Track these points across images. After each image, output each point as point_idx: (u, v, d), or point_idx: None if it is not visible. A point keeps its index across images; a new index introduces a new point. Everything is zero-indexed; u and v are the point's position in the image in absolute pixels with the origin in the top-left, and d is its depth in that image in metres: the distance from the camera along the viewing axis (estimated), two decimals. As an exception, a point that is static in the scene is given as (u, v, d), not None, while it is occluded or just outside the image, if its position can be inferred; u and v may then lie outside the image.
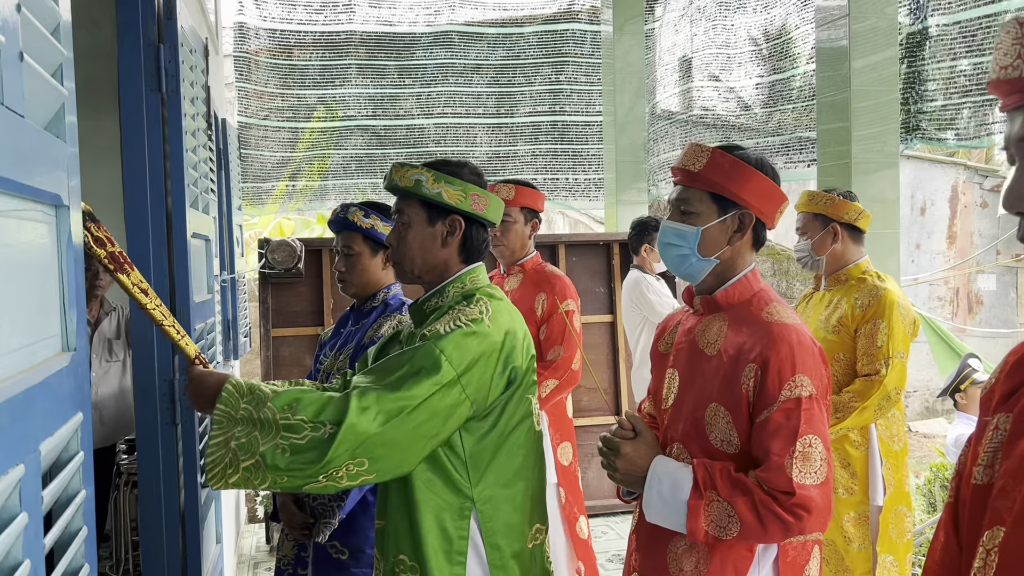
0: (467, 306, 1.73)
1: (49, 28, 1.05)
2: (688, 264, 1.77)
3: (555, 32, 7.32)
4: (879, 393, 2.87)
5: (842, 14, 4.10)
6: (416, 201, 1.80)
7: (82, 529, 1.09)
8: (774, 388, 1.61)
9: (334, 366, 2.49)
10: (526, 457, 1.76)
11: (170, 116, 2.25)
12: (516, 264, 3.27)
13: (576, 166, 7.38)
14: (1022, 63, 0.82)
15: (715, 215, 1.73)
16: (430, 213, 1.80)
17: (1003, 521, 0.88)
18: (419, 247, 1.81)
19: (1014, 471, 0.89)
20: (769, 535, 1.59)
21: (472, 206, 1.79)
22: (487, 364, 1.67)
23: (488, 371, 1.67)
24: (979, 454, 0.97)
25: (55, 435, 0.99)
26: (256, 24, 6.89)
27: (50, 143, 1.04)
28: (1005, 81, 0.85)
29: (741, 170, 1.71)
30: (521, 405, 1.75)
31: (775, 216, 1.78)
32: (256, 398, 1.55)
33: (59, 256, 1.08)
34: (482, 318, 1.69)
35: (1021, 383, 0.95)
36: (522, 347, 1.75)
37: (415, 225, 1.80)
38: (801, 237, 3.09)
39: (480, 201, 1.80)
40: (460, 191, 1.77)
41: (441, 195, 1.77)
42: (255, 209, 7.09)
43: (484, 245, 1.87)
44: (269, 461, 1.51)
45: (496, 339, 1.69)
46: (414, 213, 1.81)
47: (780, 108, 6.27)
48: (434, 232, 1.80)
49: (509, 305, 1.81)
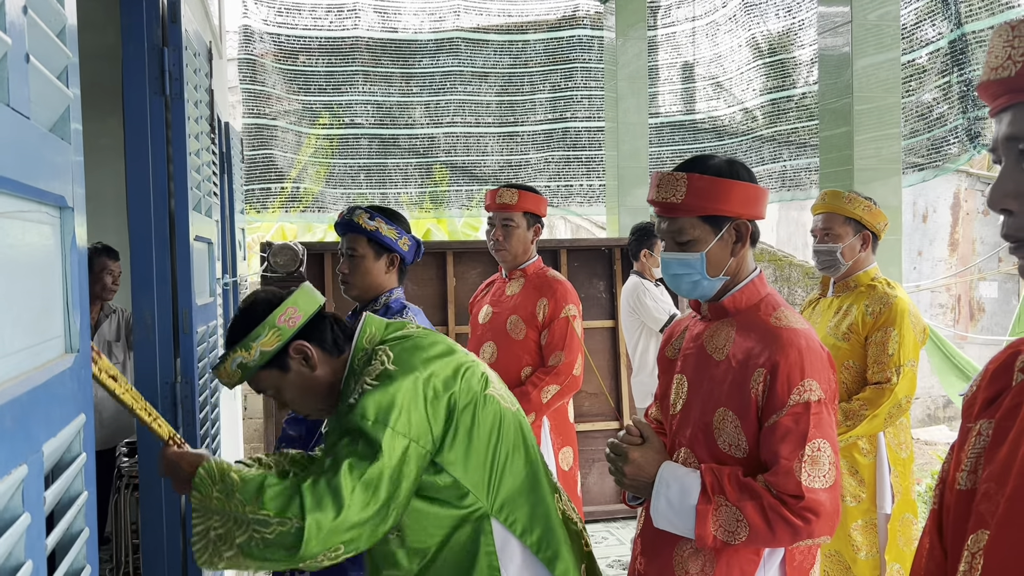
0: (367, 365, 1.69)
1: (55, 30, 1.05)
2: (700, 288, 1.77)
3: (560, 39, 7.34)
4: (890, 401, 2.85)
5: (844, 20, 4.10)
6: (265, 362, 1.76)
7: (84, 530, 1.09)
8: (783, 392, 1.61)
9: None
10: (517, 447, 1.75)
11: (173, 119, 2.25)
12: (518, 268, 3.27)
13: (590, 172, 7.39)
14: (1012, 64, 0.84)
15: (712, 235, 1.73)
16: (279, 359, 1.76)
17: (987, 525, 0.89)
18: (299, 391, 1.79)
19: (997, 475, 0.90)
20: (778, 539, 1.59)
21: (289, 324, 1.74)
22: (413, 400, 1.63)
23: (418, 406, 1.63)
24: (962, 460, 0.98)
25: (58, 436, 0.99)
26: (261, 28, 6.91)
27: (55, 145, 1.04)
28: (995, 82, 0.87)
29: (721, 185, 1.71)
30: (486, 412, 1.72)
31: (763, 210, 1.79)
32: (226, 487, 1.56)
33: (63, 258, 1.08)
34: (384, 368, 1.65)
35: (1002, 390, 0.96)
36: (454, 368, 1.70)
37: (287, 372, 1.77)
38: (823, 238, 3.01)
39: (293, 317, 1.76)
40: (275, 334, 1.72)
41: (263, 351, 1.73)
42: (258, 213, 7.10)
43: (343, 331, 1.82)
44: (247, 552, 1.53)
45: (411, 380, 1.64)
46: (270, 377, 1.78)
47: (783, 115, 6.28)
48: (296, 369, 1.76)
49: (424, 339, 1.75)
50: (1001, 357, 1.00)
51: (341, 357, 1.79)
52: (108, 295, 4.24)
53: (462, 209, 7.42)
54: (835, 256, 2.99)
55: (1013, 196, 0.87)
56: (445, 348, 1.75)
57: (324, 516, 1.52)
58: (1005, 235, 0.89)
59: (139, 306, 2.27)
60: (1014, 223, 0.88)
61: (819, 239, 3.04)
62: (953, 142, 4.70)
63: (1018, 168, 0.87)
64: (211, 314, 2.78)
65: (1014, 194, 0.87)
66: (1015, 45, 0.85)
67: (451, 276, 5.31)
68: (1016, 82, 0.85)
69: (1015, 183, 0.87)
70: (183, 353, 2.32)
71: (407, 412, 1.61)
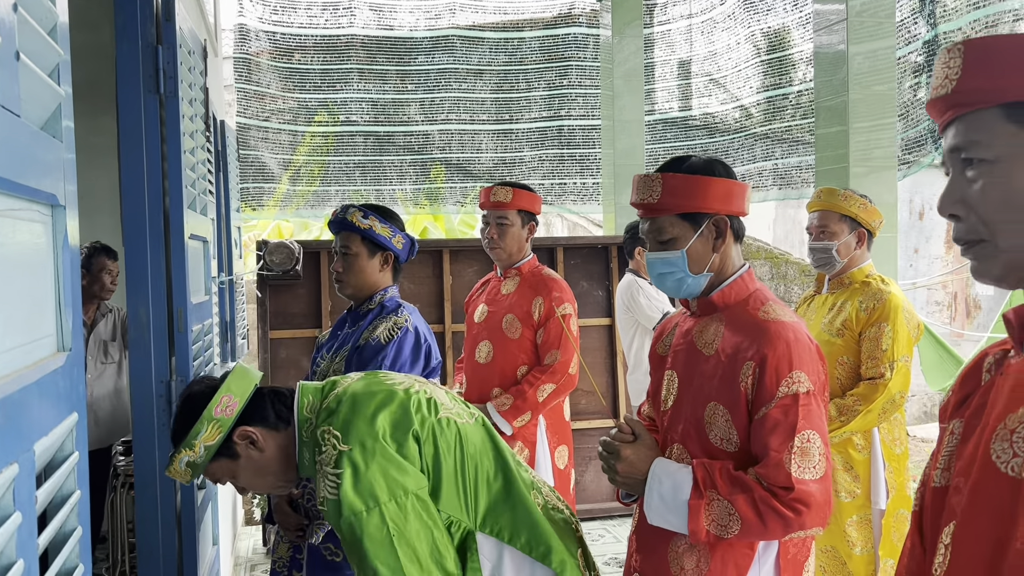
0: (320, 454, 1.66)
1: (46, 28, 1.05)
2: (685, 285, 1.79)
3: (556, 36, 7.33)
4: (884, 397, 2.86)
5: (840, 18, 4.10)
6: None
7: (76, 529, 1.08)
8: (772, 385, 1.62)
9: (330, 368, 2.50)
10: (484, 456, 1.76)
11: (168, 117, 2.25)
12: (513, 267, 3.27)
13: (584, 170, 7.39)
14: (948, 82, 0.95)
15: (691, 232, 1.75)
16: (226, 447, 1.77)
17: (956, 516, 0.95)
18: (254, 471, 1.81)
19: (964, 469, 0.95)
20: (770, 531, 1.60)
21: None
22: (386, 465, 1.62)
23: (391, 466, 1.63)
24: (938, 459, 1.04)
25: (49, 435, 0.99)
26: (256, 26, 6.89)
27: (46, 143, 1.04)
28: (938, 99, 0.97)
29: (696, 182, 1.74)
30: (446, 438, 1.72)
31: (744, 206, 1.80)
32: None
33: (55, 256, 1.08)
34: (338, 451, 1.63)
35: (971, 391, 1.02)
36: (401, 407, 1.70)
37: None
38: (819, 235, 3.02)
39: (230, 402, 1.76)
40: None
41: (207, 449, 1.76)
42: (254, 211, 7.09)
43: (281, 408, 1.81)
44: None
45: (369, 447, 1.63)
46: None
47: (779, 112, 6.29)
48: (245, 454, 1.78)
49: (359, 393, 1.73)
50: (973, 361, 1.07)
51: (288, 430, 1.78)
52: (106, 295, 4.23)
53: (457, 206, 7.42)
54: (830, 253, 3.00)
55: (959, 202, 0.96)
56: (384, 391, 1.73)
57: None
58: (956, 239, 0.98)
59: (134, 304, 2.27)
60: (962, 227, 0.96)
61: (815, 236, 3.05)
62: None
63: (963, 176, 0.95)
64: (206, 312, 2.77)
65: (959, 200, 0.95)
66: (950, 66, 0.95)
67: (447, 274, 5.31)
68: (953, 98, 0.95)
69: (960, 190, 0.95)
70: (178, 351, 2.32)
71: (385, 476, 1.61)
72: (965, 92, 0.93)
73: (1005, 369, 0.97)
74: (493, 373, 3.19)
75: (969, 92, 0.93)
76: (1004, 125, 0.91)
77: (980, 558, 0.89)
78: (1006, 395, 0.93)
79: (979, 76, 0.92)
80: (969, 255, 0.97)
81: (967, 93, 0.93)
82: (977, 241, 0.95)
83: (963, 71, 0.93)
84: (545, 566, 1.73)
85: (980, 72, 0.92)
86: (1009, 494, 0.87)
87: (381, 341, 2.40)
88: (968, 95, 0.93)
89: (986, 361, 1.02)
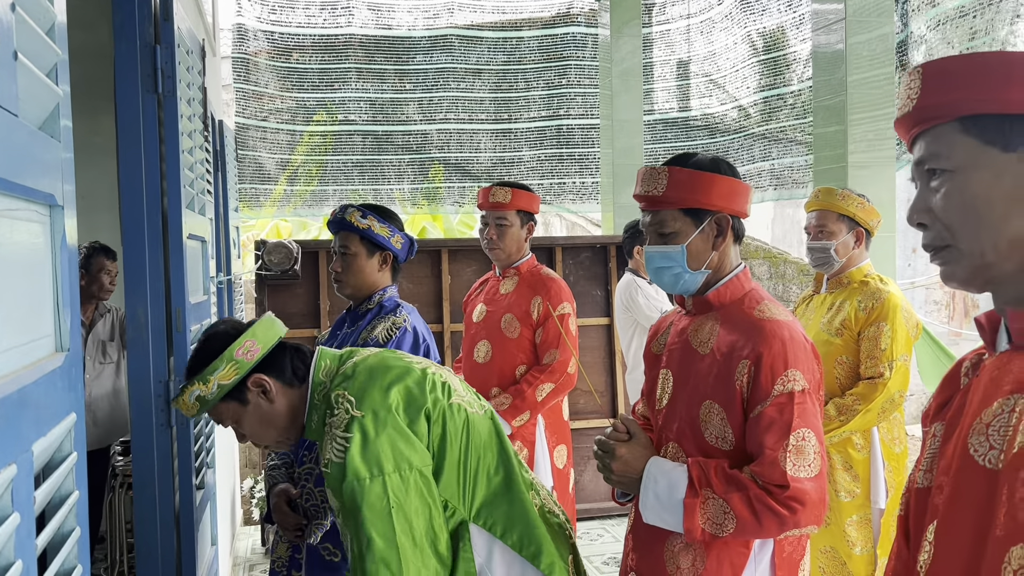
0: (332, 416, 1.67)
1: (44, 28, 1.05)
2: (682, 281, 1.79)
3: (554, 36, 7.33)
4: (883, 396, 2.86)
5: (838, 18, 4.11)
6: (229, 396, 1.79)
7: (75, 530, 1.08)
8: (767, 383, 1.63)
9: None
10: (488, 449, 1.77)
11: (166, 117, 2.25)
12: (512, 267, 3.27)
13: (583, 170, 7.38)
14: (910, 101, 1.02)
15: (692, 228, 1.76)
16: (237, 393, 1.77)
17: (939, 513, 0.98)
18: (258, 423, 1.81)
19: (946, 468, 0.98)
20: (765, 529, 1.60)
21: (248, 357, 1.75)
22: (396, 436, 1.64)
23: (400, 438, 1.64)
24: (921, 462, 1.08)
25: (48, 435, 0.99)
26: (254, 26, 6.89)
27: (44, 143, 1.04)
28: (903, 118, 1.04)
29: (701, 178, 1.74)
30: (455, 423, 1.73)
31: (746, 207, 1.81)
32: None
33: (53, 256, 1.08)
34: (350, 416, 1.65)
35: (952, 394, 1.07)
36: (416, 383, 1.71)
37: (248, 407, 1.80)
38: (817, 235, 3.02)
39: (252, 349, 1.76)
40: (233, 367, 1.73)
41: (222, 386, 1.74)
42: (252, 211, 7.08)
43: (305, 358, 1.82)
44: None
45: (381, 417, 1.65)
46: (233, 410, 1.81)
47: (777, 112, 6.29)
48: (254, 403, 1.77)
49: (378, 364, 1.75)
50: (953, 367, 1.11)
51: (300, 388, 1.78)
52: (105, 295, 4.23)
53: (455, 206, 7.42)
54: (829, 253, 3.00)
55: (924, 211, 1.01)
56: (402, 366, 1.75)
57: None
58: (925, 246, 1.03)
59: (132, 304, 2.27)
60: (929, 235, 1.02)
61: (813, 236, 3.05)
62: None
63: (928, 188, 1.02)
64: (205, 312, 2.77)
65: (925, 209, 1.01)
66: (911, 87, 1.03)
67: (446, 274, 5.31)
68: (915, 115, 1.02)
69: (925, 200, 1.01)
70: (177, 351, 2.32)
71: (392, 447, 1.62)
72: (925, 108, 1.01)
73: (980, 370, 1.01)
74: (492, 373, 3.19)
75: (928, 108, 1.00)
76: (961, 137, 0.98)
77: (962, 551, 0.92)
78: (981, 392, 0.97)
79: (936, 93, 1.00)
80: (937, 260, 1.02)
81: (926, 109, 1.01)
82: (943, 247, 1.00)
83: (922, 90, 1.01)
84: (534, 567, 1.73)
85: (937, 90, 1.00)
86: (987, 486, 0.90)
87: (379, 341, 2.40)
88: (927, 111, 1.01)
89: (964, 366, 1.07)
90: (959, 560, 0.92)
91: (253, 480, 5.44)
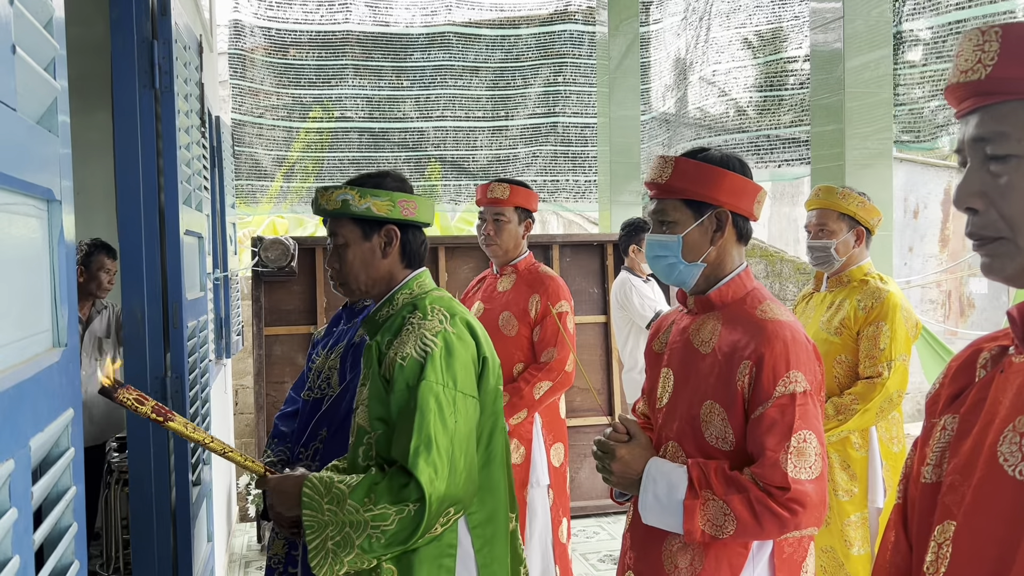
0: (423, 319, 1.77)
1: (42, 22, 1.05)
2: (677, 272, 1.79)
3: (551, 33, 7.32)
4: (881, 395, 2.86)
5: (836, 16, 4.11)
6: (348, 221, 1.86)
7: (72, 525, 1.08)
8: (769, 384, 1.62)
9: (326, 365, 2.49)
10: (502, 447, 1.86)
11: (163, 113, 2.24)
12: (509, 264, 3.27)
13: (577, 168, 7.38)
14: (982, 67, 0.88)
15: (692, 220, 1.76)
16: (364, 229, 1.85)
17: (953, 515, 0.92)
18: (361, 264, 1.86)
19: (962, 467, 0.93)
20: (765, 531, 1.59)
21: (403, 212, 1.85)
22: (468, 363, 1.75)
23: (469, 370, 1.75)
24: (927, 455, 1.01)
25: (45, 431, 0.99)
26: (251, 22, 6.87)
27: (42, 138, 1.03)
28: (963, 84, 0.91)
29: (707, 171, 1.74)
30: (496, 398, 1.85)
31: (753, 207, 1.80)
32: (335, 497, 1.65)
33: (51, 251, 1.07)
34: (443, 328, 1.75)
35: (965, 385, 1.00)
36: (483, 341, 1.82)
37: (352, 244, 1.86)
38: (817, 234, 3.02)
39: (408, 206, 1.85)
40: (388, 201, 1.83)
41: (370, 209, 1.82)
42: (249, 208, 7.07)
43: (423, 248, 1.93)
44: (368, 549, 1.62)
45: (466, 340, 1.77)
46: (348, 232, 1.86)
47: (773, 109, 6.29)
48: (372, 246, 1.86)
49: (459, 306, 1.87)
50: (964, 355, 1.04)
51: (403, 271, 1.89)
52: (102, 293, 4.22)
53: (452, 204, 7.41)
54: (829, 252, 3.00)
55: (978, 195, 0.91)
56: (471, 316, 1.88)
57: (437, 486, 1.62)
58: (970, 233, 0.93)
59: (129, 300, 2.26)
60: (979, 221, 0.91)
61: (813, 235, 3.04)
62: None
63: (983, 168, 0.90)
64: (201, 309, 2.77)
65: (979, 193, 0.91)
66: (985, 49, 0.88)
67: (443, 271, 5.30)
68: (985, 85, 0.88)
69: (980, 183, 0.90)
70: (173, 347, 2.31)
71: (466, 374, 1.73)
72: (1000, 80, 0.87)
73: (1006, 366, 0.94)
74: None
75: (1004, 81, 0.87)
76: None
77: (984, 561, 0.87)
78: (1012, 395, 0.90)
79: (1018, 64, 0.86)
80: (982, 251, 0.92)
81: (1002, 81, 0.87)
82: (995, 238, 0.90)
83: (1000, 56, 0.87)
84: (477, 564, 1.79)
85: (1019, 60, 0.86)
86: (1017, 498, 0.85)
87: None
88: (1002, 84, 0.87)
89: (981, 356, 1.00)
90: (981, 573, 0.88)
91: (249, 477, 5.43)
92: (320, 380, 2.49)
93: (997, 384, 0.94)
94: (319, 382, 2.49)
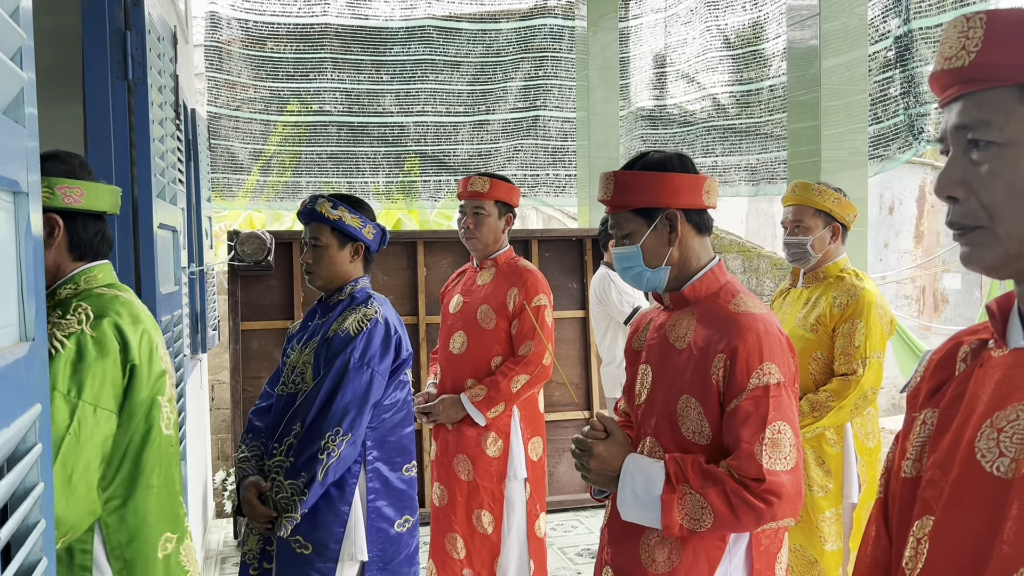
0: (60, 318, 1.60)
1: (8, 11, 1.03)
2: (645, 279, 1.82)
3: (532, 28, 7.31)
4: (856, 392, 2.87)
5: (812, 14, 4.13)
6: None
7: (40, 522, 1.06)
8: (743, 377, 1.64)
9: (300, 359, 2.48)
10: (154, 462, 1.68)
11: (136, 104, 2.21)
12: (489, 258, 3.26)
13: (556, 162, 7.38)
14: (965, 54, 0.87)
15: (645, 227, 1.79)
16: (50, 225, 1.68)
17: (932, 511, 0.92)
18: None
19: (941, 462, 0.93)
20: (742, 523, 1.61)
21: (64, 200, 1.65)
22: (102, 371, 1.57)
23: (104, 379, 1.57)
24: (907, 449, 1.01)
25: (11, 426, 0.97)
26: (228, 14, 6.80)
27: (8, 128, 1.01)
28: (947, 72, 0.89)
29: (645, 178, 1.77)
30: (151, 409, 1.67)
31: (701, 199, 1.81)
32: None
33: (17, 243, 1.06)
34: (80, 329, 1.58)
35: (945, 379, 1.00)
36: (136, 346, 1.64)
37: None
38: (793, 230, 3.02)
39: (72, 193, 1.66)
40: (45, 188, 1.61)
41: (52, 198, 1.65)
42: (225, 201, 7.01)
43: (98, 238, 1.75)
44: None
45: (107, 344, 1.59)
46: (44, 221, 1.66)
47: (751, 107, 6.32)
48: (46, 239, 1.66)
49: (128, 307, 1.70)
50: (944, 348, 1.03)
51: (72, 264, 1.71)
52: None
53: (431, 200, 7.39)
54: (805, 248, 3.01)
55: (959, 184, 0.89)
56: (148, 316, 1.80)
57: None
58: (950, 222, 0.92)
59: (101, 295, 2.23)
60: (959, 210, 0.90)
61: (789, 231, 3.05)
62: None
63: (965, 156, 0.89)
64: (176, 303, 2.74)
65: (960, 181, 0.89)
66: (969, 36, 0.87)
67: (421, 266, 5.29)
68: (968, 72, 0.88)
69: (962, 171, 0.89)
70: (146, 342, 2.28)
71: (102, 382, 1.59)
72: (983, 67, 0.86)
73: (985, 361, 0.93)
74: (467, 364, 3.18)
75: (988, 67, 0.86)
76: (1021, 107, 0.85)
77: (961, 557, 0.87)
78: (991, 390, 0.90)
79: (1001, 50, 0.85)
80: (962, 241, 0.90)
81: (985, 68, 0.86)
82: (974, 227, 0.89)
83: (983, 43, 0.86)
84: None
85: (1002, 46, 0.85)
86: (993, 494, 0.85)
87: (350, 333, 2.39)
88: (986, 70, 0.86)
89: (961, 350, 1.00)
90: (958, 569, 0.87)
91: (225, 473, 5.40)
92: (294, 375, 2.47)
93: (976, 378, 0.93)
94: (293, 376, 2.48)
